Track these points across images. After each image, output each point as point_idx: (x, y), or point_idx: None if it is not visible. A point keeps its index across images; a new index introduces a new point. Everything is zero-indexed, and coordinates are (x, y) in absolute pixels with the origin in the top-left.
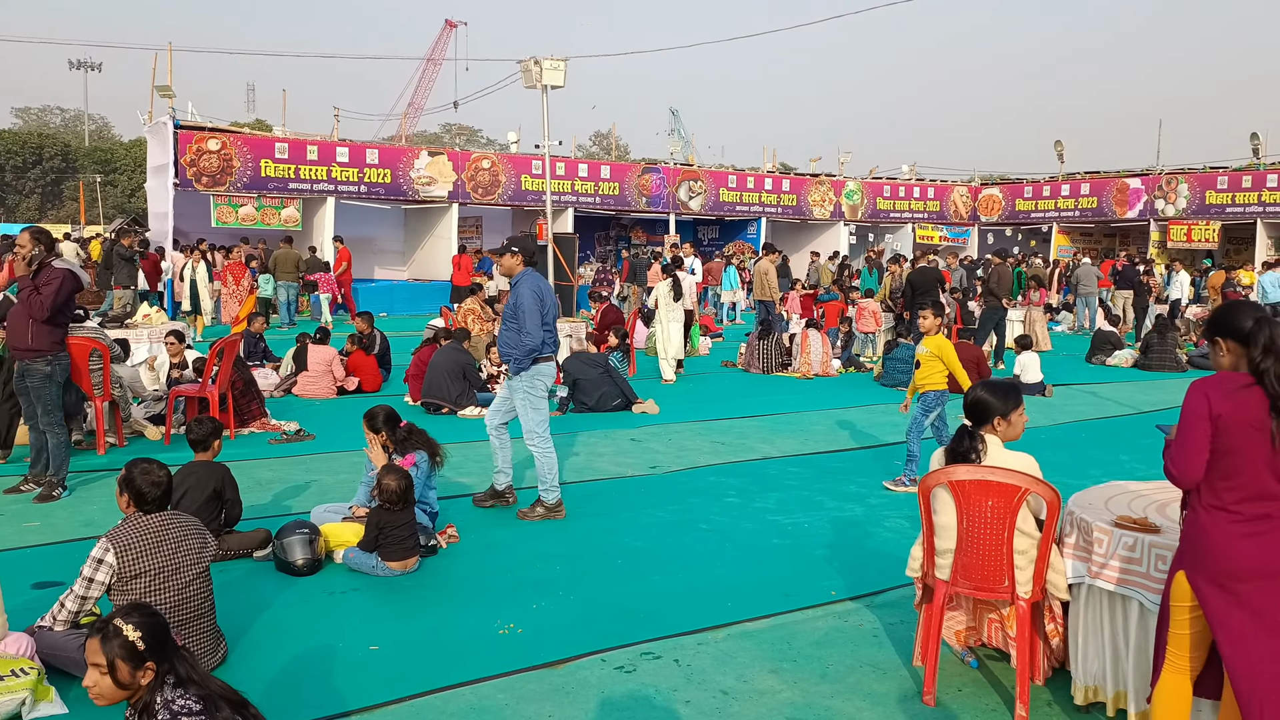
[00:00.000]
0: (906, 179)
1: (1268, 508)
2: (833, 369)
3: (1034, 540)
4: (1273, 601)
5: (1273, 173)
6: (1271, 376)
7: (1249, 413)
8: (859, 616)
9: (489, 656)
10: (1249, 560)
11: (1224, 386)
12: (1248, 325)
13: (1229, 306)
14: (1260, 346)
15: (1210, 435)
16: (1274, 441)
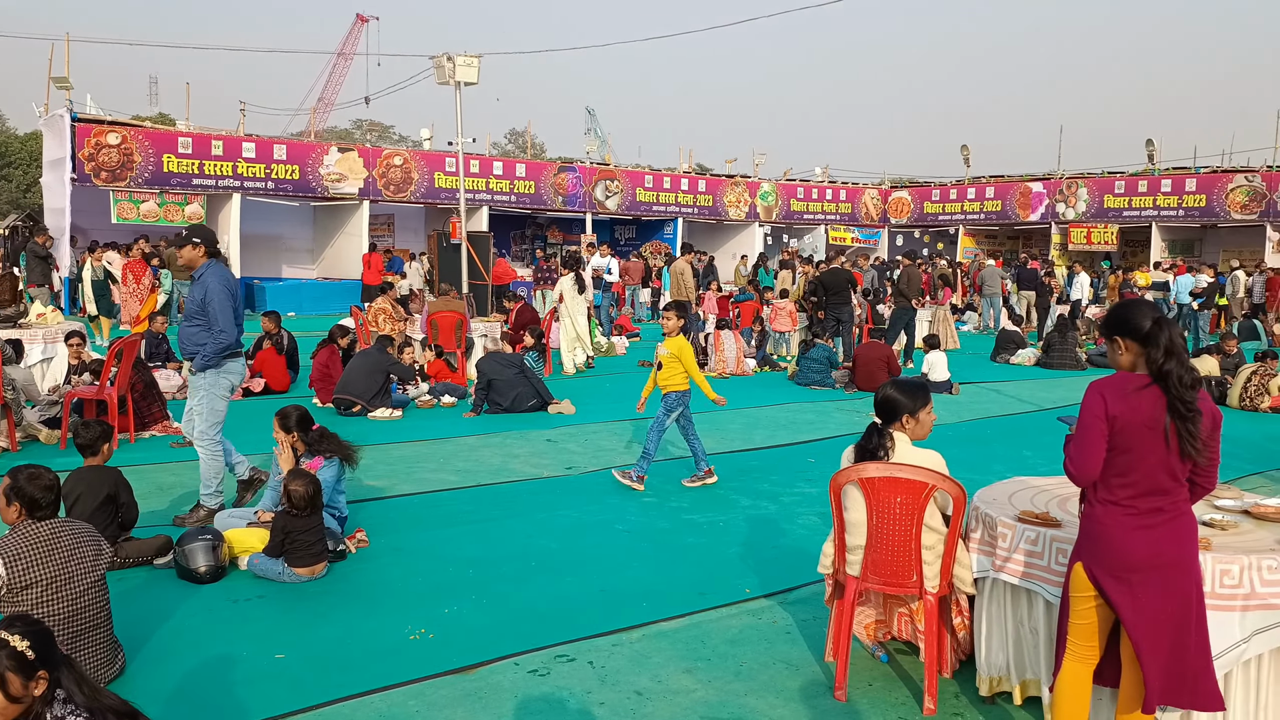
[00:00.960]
0: (820, 181)
1: (1160, 502)
2: (747, 368)
3: (941, 536)
4: (1163, 590)
5: (1166, 178)
6: (1174, 379)
7: (1144, 413)
8: (772, 614)
9: (399, 663)
10: (1142, 552)
11: (1120, 388)
12: (1146, 325)
13: (1127, 305)
14: (1161, 348)
15: (1107, 435)
16: (1167, 441)
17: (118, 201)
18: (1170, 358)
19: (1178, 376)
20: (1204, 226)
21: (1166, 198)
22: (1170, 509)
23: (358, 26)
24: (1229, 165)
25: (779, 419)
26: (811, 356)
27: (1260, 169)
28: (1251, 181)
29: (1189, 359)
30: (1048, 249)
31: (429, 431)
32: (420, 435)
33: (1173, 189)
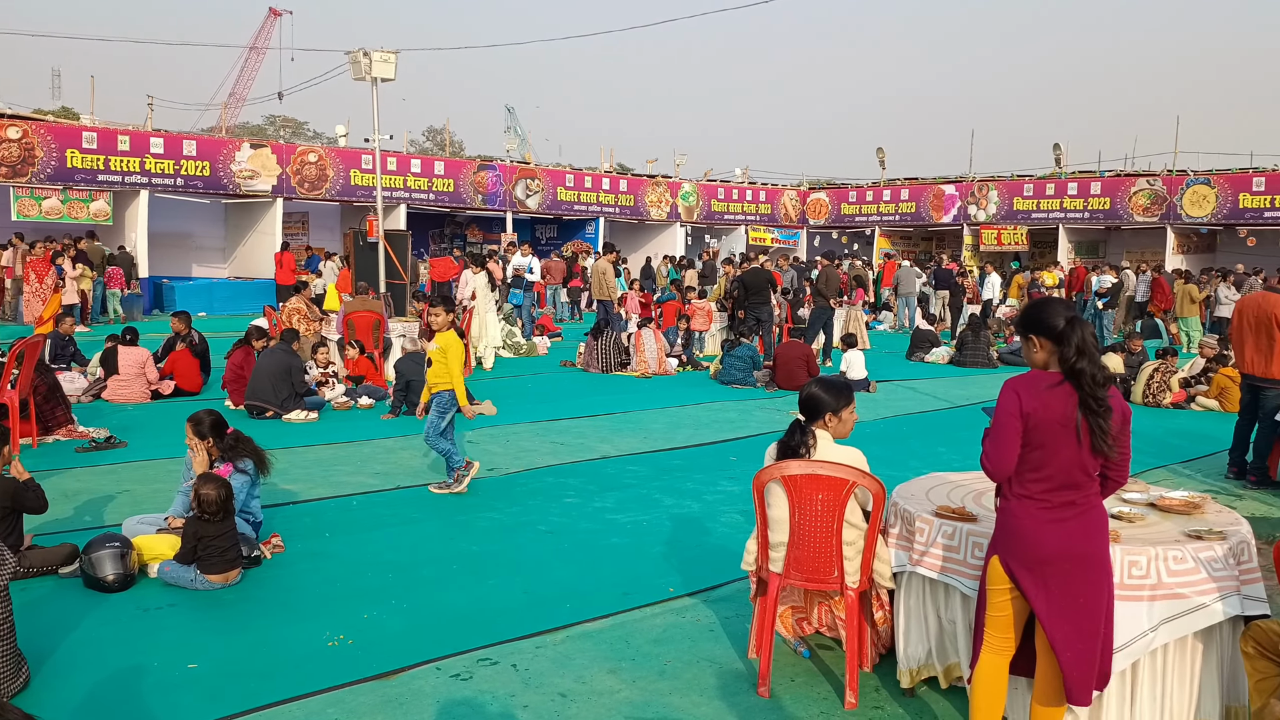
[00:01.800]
0: (740, 182)
1: (1072, 496)
2: (670, 367)
3: (861, 531)
4: (1074, 581)
5: (1073, 182)
6: (1087, 377)
7: (1057, 410)
8: (696, 612)
9: (317, 670)
10: (1054, 544)
11: (1034, 385)
12: (1060, 324)
13: (1041, 304)
14: (1074, 347)
15: (1021, 431)
16: (1079, 437)
17: (18, 198)
18: (1082, 356)
19: (1090, 374)
20: (1108, 228)
21: (1073, 200)
22: (1082, 503)
23: (270, 20)
24: (1132, 169)
25: (701, 418)
26: (736, 355)
27: (1161, 173)
28: (1153, 185)
29: (1100, 357)
30: (960, 250)
31: (346, 434)
32: (337, 438)
33: (1079, 192)
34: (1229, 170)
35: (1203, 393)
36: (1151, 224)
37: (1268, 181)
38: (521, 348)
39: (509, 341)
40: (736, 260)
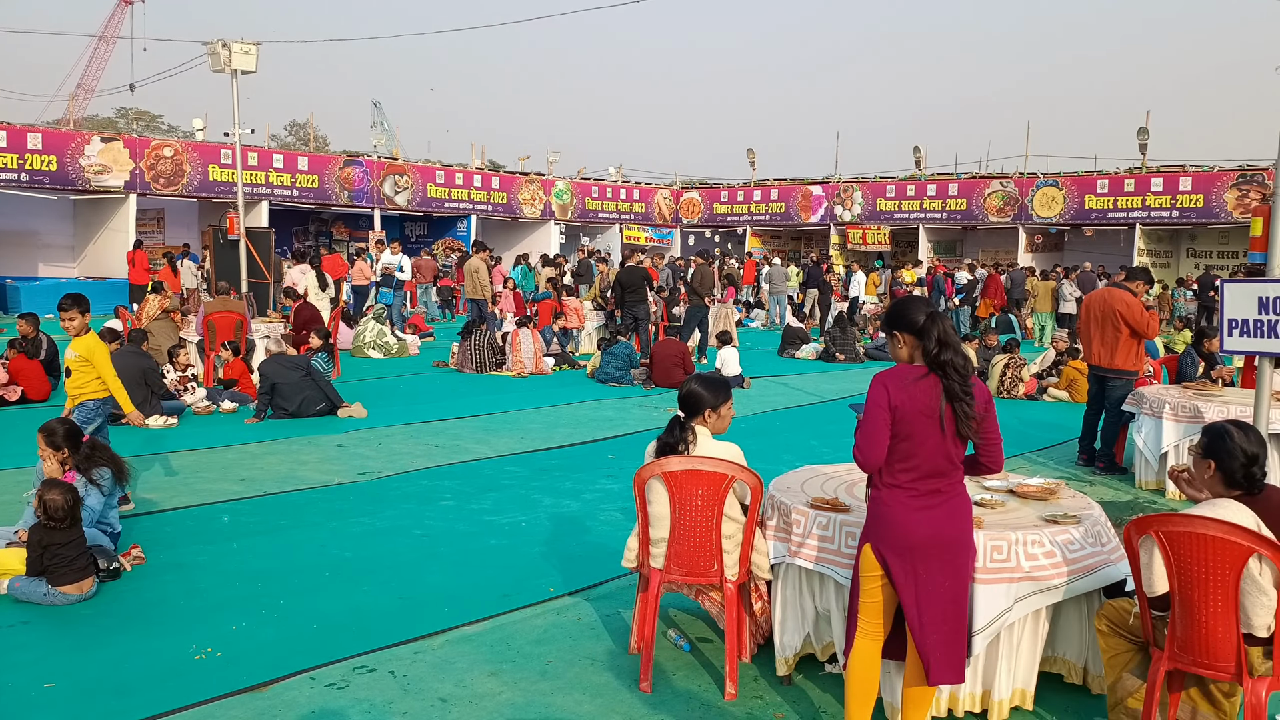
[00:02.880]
0: (613, 180)
1: (938, 484)
2: (547, 367)
3: (740, 525)
4: (941, 567)
5: (932, 183)
6: (951, 366)
7: (922, 401)
8: (577, 610)
9: (184, 685)
10: (922, 531)
11: (901, 379)
12: (921, 320)
13: (903, 302)
14: (934, 340)
15: (890, 423)
16: (943, 426)
17: None
18: (944, 348)
19: (953, 363)
20: (965, 228)
21: (932, 201)
22: (948, 490)
23: (121, 8)
24: (986, 172)
25: (579, 417)
26: (613, 353)
27: (1014, 175)
28: (1006, 187)
29: (960, 347)
30: (828, 249)
31: (208, 439)
32: (198, 443)
33: (937, 193)
34: (1075, 173)
35: (1053, 384)
36: (1005, 224)
37: (1110, 184)
38: (392, 348)
39: (379, 341)
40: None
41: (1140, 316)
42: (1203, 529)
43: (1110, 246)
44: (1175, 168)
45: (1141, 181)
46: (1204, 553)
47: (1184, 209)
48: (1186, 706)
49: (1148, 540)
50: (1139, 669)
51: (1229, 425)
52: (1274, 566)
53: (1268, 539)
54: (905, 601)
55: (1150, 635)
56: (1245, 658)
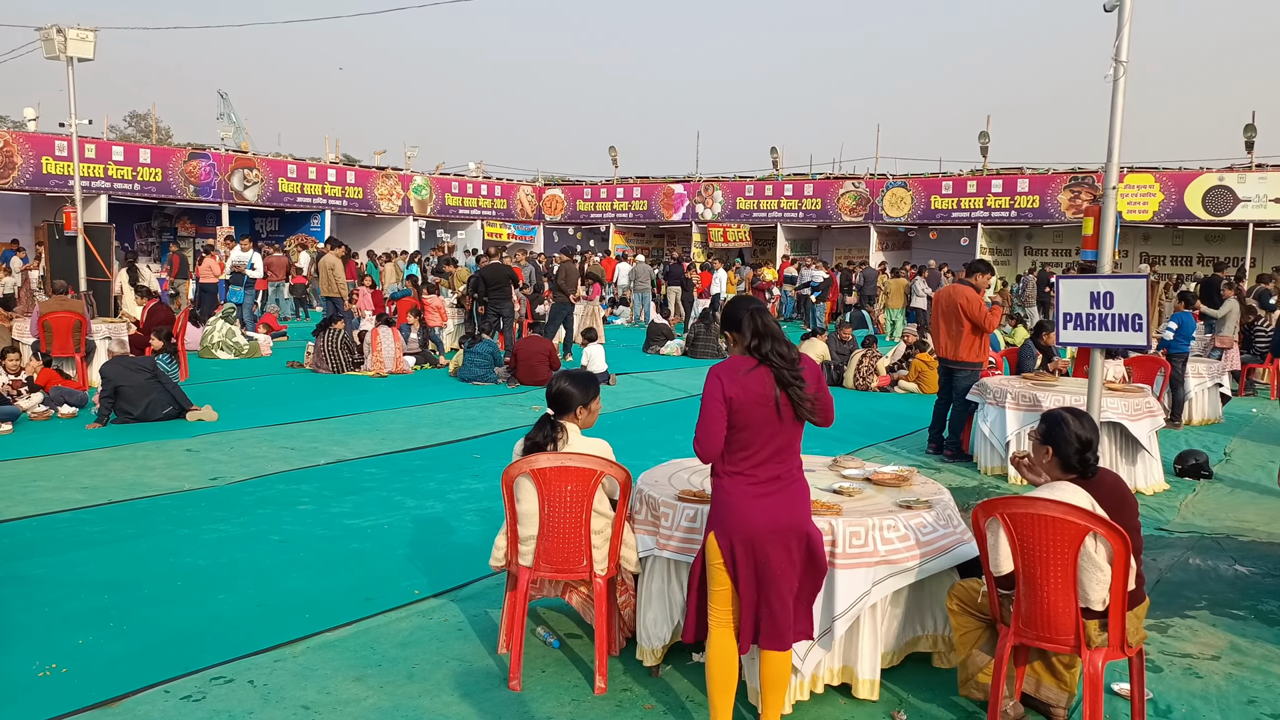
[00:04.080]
0: (474, 176)
1: (776, 471)
2: (407, 366)
3: (609, 519)
4: (779, 552)
5: (788, 183)
6: (774, 355)
7: (756, 391)
8: (444, 612)
9: (27, 704)
10: (762, 517)
11: (734, 371)
12: (742, 316)
13: (731, 303)
14: (753, 333)
15: (726, 414)
16: (780, 412)
17: None
18: (764, 339)
19: (775, 352)
20: (820, 227)
21: (789, 200)
22: (786, 477)
23: None
24: (839, 173)
25: (442, 416)
26: (476, 351)
27: (865, 176)
28: (858, 187)
29: (783, 336)
30: (690, 247)
31: (46, 446)
32: (36, 450)
33: (794, 193)
34: (922, 175)
35: (904, 376)
36: (857, 223)
37: (954, 185)
38: (243, 348)
39: (228, 342)
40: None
41: (979, 311)
42: (1043, 510)
43: (954, 245)
44: (1013, 170)
45: (983, 183)
46: (1044, 533)
47: (1021, 209)
48: (1031, 679)
49: (994, 522)
50: (988, 645)
51: (1065, 413)
52: (1108, 544)
53: (1102, 518)
54: (743, 587)
55: (997, 613)
56: (1083, 631)
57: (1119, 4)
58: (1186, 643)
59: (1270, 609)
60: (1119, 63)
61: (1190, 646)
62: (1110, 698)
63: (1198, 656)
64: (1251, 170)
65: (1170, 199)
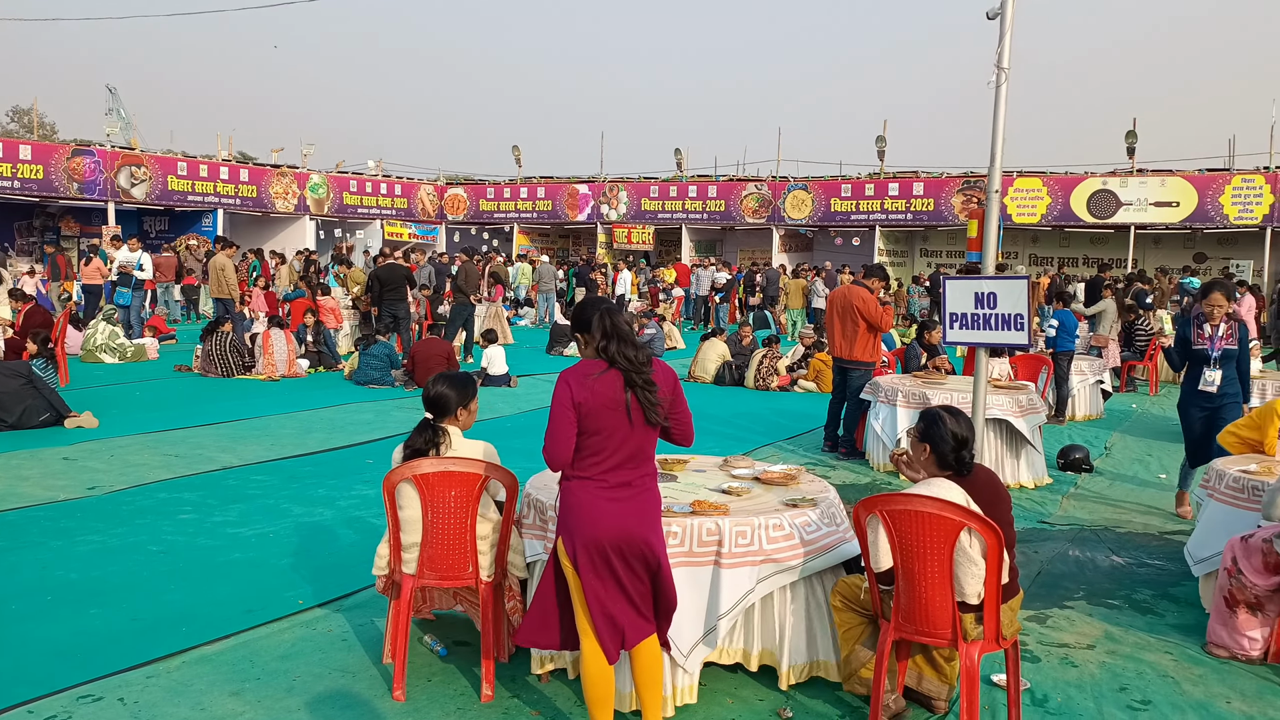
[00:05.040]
0: (373, 174)
1: (628, 476)
2: (300, 369)
3: (495, 524)
4: (625, 560)
5: (692, 185)
6: (621, 357)
7: (605, 395)
8: (328, 622)
9: None
10: (612, 522)
11: (583, 375)
12: (591, 317)
13: (581, 304)
14: (601, 333)
15: (575, 420)
16: (630, 416)
17: None
18: (612, 340)
19: (622, 354)
20: (724, 228)
21: (693, 202)
22: (638, 483)
23: None
24: (743, 175)
25: (335, 420)
26: (371, 354)
27: (767, 179)
28: (760, 189)
29: (633, 339)
30: (595, 247)
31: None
32: None
33: (698, 194)
34: (822, 178)
35: (803, 376)
36: (760, 225)
37: (853, 188)
38: (127, 351)
39: (112, 345)
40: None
41: (875, 311)
42: (920, 506)
43: (854, 247)
44: (909, 174)
45: (880, 186)
46: (922, 529)
47: (917, 212)
48: (914, 673)
49: (873, 519)
50: (870, 641)
51: (941, 411)
52: (982, 539)
53: (976, 514)
54: (588, 592)
55: (878, 608)
56: (960, 624)
57: (1001, 12)
58: (1064, 633)
59: (1143, 597)
60: (1001, 69)
61: (1068, 636)
62: (991, 689)
63: (1074, 646)
64: (1133, 175)
65: (1057, 202)
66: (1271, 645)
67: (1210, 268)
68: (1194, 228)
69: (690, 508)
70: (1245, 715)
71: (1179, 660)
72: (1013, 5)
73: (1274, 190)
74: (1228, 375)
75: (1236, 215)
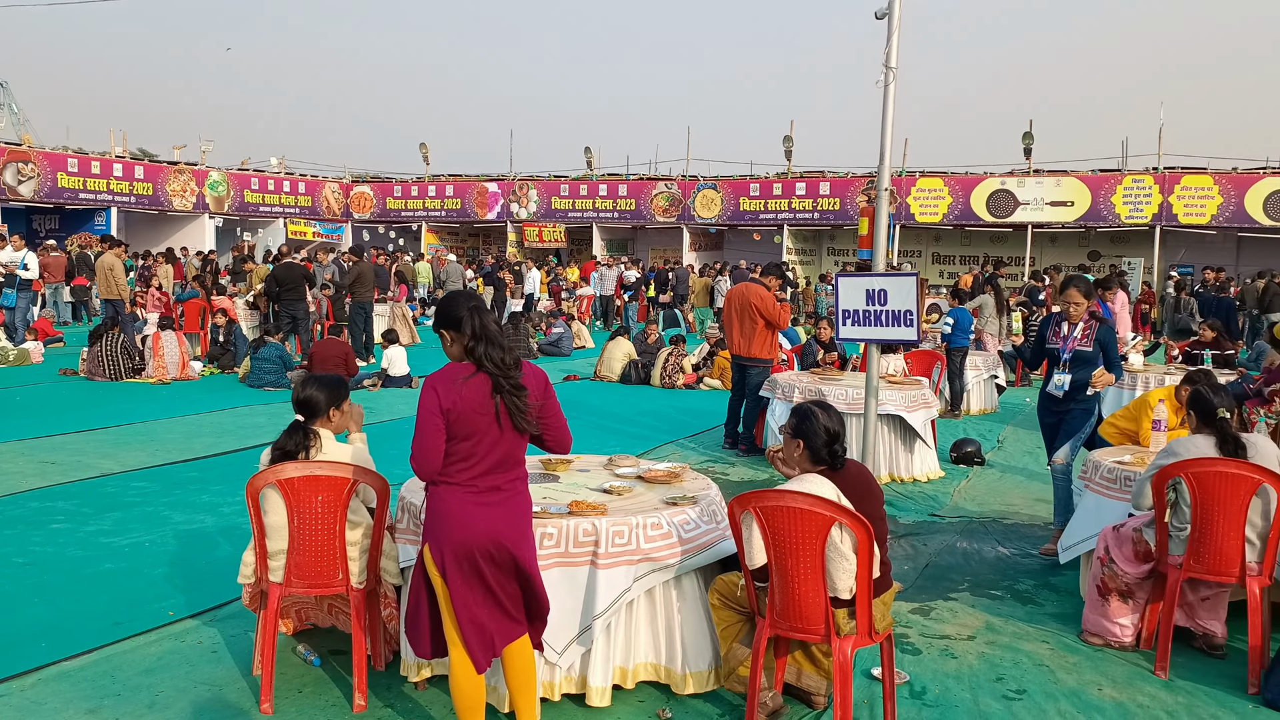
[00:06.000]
0: (275, 172)
1: (498, 481)
2: (193, 372)
3: (366, 529)
4: (495, 566)
5: (603, 183)
6: (488, 361)
7: (473, 400)
8: (199, 634)
9: None
10: (482, 527)
11: (450, 380)
12: (460, 314)
13: (445, 299)
14: (470, 334)
15: (444, 426)
16: (499, 421)
17: None
18: (480, 341)
19: (489, 356)
20: (635, 227)
21: (604, 200)
22: (508, 488)
23: None
24: (654, 174)
25: (226, 424)
26: (263, 356)
27: (677, 178)
28: (670, 188)
29: (501, 340)
30: (505, 246)
31: None
32: None
33: (609, 193)
34: (731, 177)
35: (708, 374)
36: (670, 224)
37: (761, 187)
38: (9, 355)
39: None
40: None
41: (772, 308)
42: (792, 502)
43: (764, 245)
44: (816, 173)
45: (788, 186)
46: (794, 525)
47: (824, 211)
48: (793, 669)
49: (748, 516)
50: (748, 638)
51: (813, 407)
52: (853, 534)
53: (847, 509)
54: (456, 600)
55: (755, 605)
56: (833, 619)
57: (889, 13)
58: (946, 624)
59: (1025, 587)
60: (889, 69)
61: (949, 628)
62: (869, 682)
63: (955, 637)
64: (1030, 175)
65: (958, 202)
66: (1142, 631)
67: (1103, 265)
68: (1088, 226)
69: (567, 508)
70: (1115, 701)
71: (1055, 649)
72: (900, 6)
73: (1163, 190)
74: (1079, 379)
75: (1128, 215)
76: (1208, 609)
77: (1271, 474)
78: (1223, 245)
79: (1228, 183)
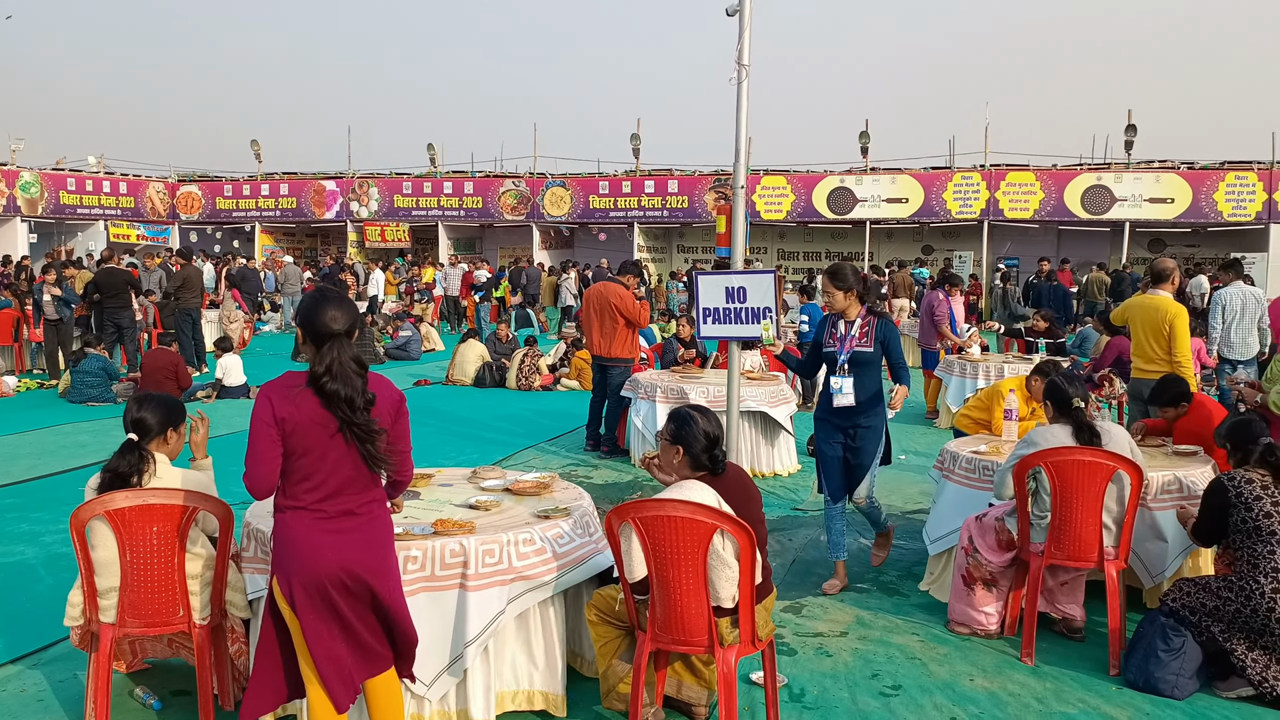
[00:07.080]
0: (95, 171)
1: (350, 504)
2: (7, 387)
3: (208, 560)
4: (351, 599)
5: (448, 181)
6: (339, 405)
7: (310, 411)
8: (21, 680)
9: None
10: (332, 556)
11: (286, 388)
12: (324, 335)
13: (316, 300)
14: (325, 369)
15: (279, 439)
16: (345, 435)
17: None
18: (334, 379)
19: (341, 396)
20: (482, 226)
21: (449, 199)
22: (363, 511)
23: None
24: (500, 171)
25: (46, 444)
26: (85, 369)
27: (525, 175)
28: (518, 186)
29: (358, 382)
30: (345, 246)
31: None
32: None
33: (454, 191)
34: (580, 175)
35: (566, 375)
36: (519, 222)
37: (610, 185)
38: None
39: None
40: None
41: (632, 307)
42: (672, 511)
43: (615, 243)
44: (664, 171)
45: (637, 184)
46: (674, 534)
47: (673, 209)
48: (674, 680)
49: (626, 527)
50: (628, 654)
51: (692, 411)
52: (735, 541)
53: (728, 515)
54: (309, 635)
55: (634, 619)
56: (716, 630)
57: (740, 9)
58: (818, 621)
59: (890, 579)
60: (741, 66)
61: (821, 625)
62: (750, 688)
63: (828, 635)
64: (867, 173)
65: (801, 199)
66: (1006, 618)
67: (937, 259)
68: (921, 222)
69: (432, 528)
70: (988, 691)
71: (925, 641)
72: (750, 2)
73: (989, 187)
74: (864, 383)
75: (958, 210)
76: (1067, 593)
77: (1125, 460)
78: (1044, 237)
79: (1048, 179)
